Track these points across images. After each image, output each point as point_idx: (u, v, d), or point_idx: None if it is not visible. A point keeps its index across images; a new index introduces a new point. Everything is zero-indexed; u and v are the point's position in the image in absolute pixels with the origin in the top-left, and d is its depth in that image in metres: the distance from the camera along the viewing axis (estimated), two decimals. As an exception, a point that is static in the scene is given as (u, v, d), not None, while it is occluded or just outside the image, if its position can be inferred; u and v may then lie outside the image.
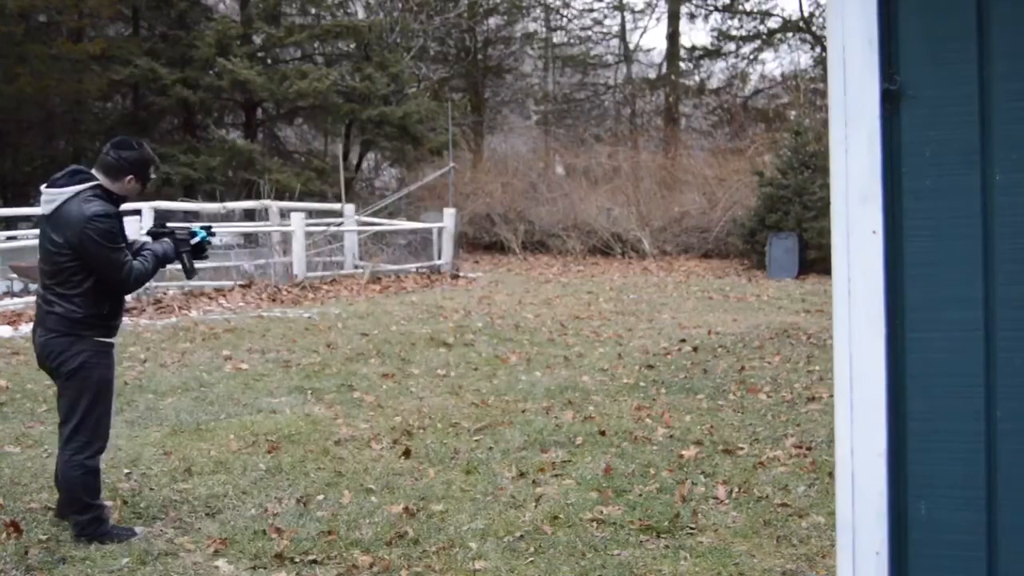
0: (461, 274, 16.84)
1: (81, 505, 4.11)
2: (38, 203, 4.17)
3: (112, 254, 4.04)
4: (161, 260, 4.34)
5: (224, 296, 12.61)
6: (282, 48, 24.79)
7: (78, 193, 4.05)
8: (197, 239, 4.56)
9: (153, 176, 4.39)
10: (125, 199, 4.21)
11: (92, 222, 3.97)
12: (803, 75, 27.34)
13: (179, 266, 4.61)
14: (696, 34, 47.89)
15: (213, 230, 4.76)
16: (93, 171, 4.17)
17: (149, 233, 4.57)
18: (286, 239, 14.44)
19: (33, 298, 11.14)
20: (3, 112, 20.24)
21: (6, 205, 20.31)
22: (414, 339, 9.35)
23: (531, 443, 5.64)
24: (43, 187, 4.13)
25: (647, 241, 20.61)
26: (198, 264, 5.21)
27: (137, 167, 4.18)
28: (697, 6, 30.35)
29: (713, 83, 30.97)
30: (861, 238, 2.06)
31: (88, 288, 4.07)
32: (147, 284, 11.71)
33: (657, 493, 4.71)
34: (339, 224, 16.47)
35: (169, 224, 4.58)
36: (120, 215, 4.15)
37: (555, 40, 32.59)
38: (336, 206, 17.74)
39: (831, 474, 4.85)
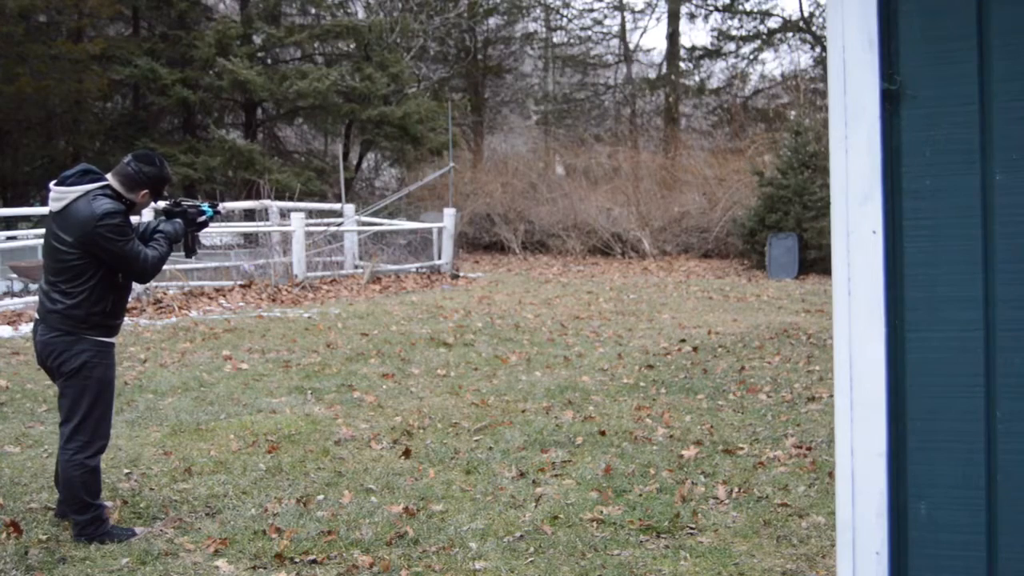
0: (461, 274, 16.85)
1: (81, 505, 4.11)
2: (40, 201, 4.20)
3: (126, 247, 4.09)
4: (173, 240, 4.42)
5: (224, 296, 12.61)
6: (282, 48, 24.80)
7: (87, 192, 4.07)
8: (205, 217, 4.59)
9: (166, 194, 4.45)
10: (134, 205, 4.23)
11: (103, 220, 4.01)
12: (803, 75, 27.35)
13: (182, 245, 4.63)
14: (696, 34, 48.05)
15: (220, 208, 4.78)
16: (108, 175, 4.19)
17: (164, 211, 4.58)
18: (286, 239, 14.44)
19: (33, 298, 11.18)
20: (3, 112, 20.23)
21: (6, 205, 20.30)
22: (414, 339, 9.36)
23: (531, 443, 5.64)
24: (52, 184, 4.16)
25: (647, 241, 20.61)
26: (198, 264, 5.24)
27: (154, 183, 4.26)
28: (697, 6, 30.37)
29: (713, 83, 31.00)
30: (861, 238, 2.06)
31: (92, 286, 4.09)
32: (148, 284, 11.76)
33: (657, 493, 4.72)
34: (339, 224, 16.47)
35: (183, 202, 4.59)
36: (128, 212, 4.18)
37: (555, 40, 32.60)
38: (336, 206, 17.75)
39: (831, 474, 4.85)
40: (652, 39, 56.23)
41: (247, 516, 4.44)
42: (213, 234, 17.66)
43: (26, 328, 9.76)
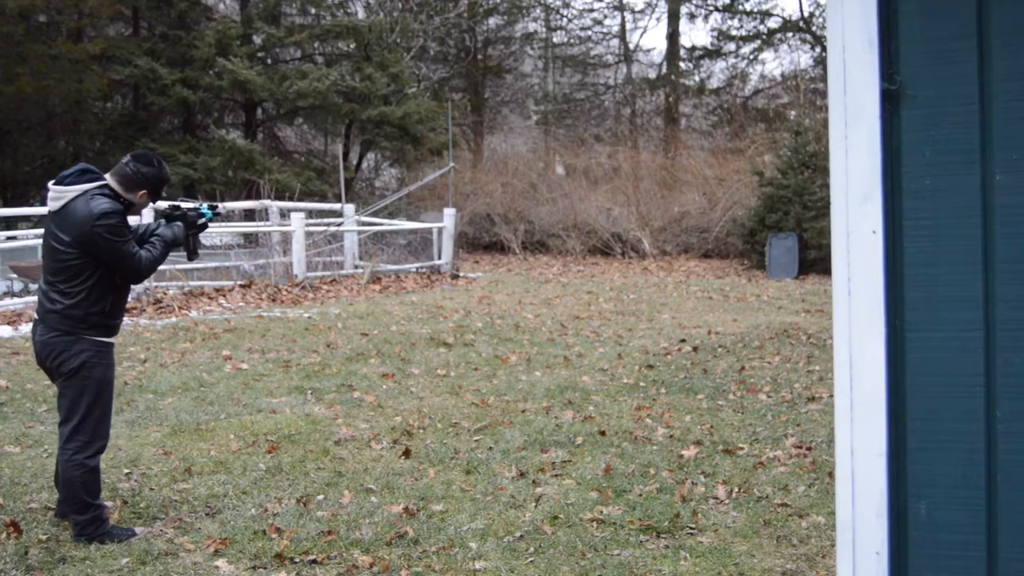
0: (461, 274, 16.85)
1: (81, 505, 4.11)
2: (40, 201, 4.21)
3: (122, 247, 4.10)
4: (170, 244, 4.42)
5: (224, 296, 12.61)
6: (282, 48, 24.79)
7: (85, 192, 4.08)
8: (204, 219, 4.59)
9: (164, 195, 4.45)
10: (132, 205, 4.23)
11: (101, 220, 4.01)
12: (803, 75, 27.36)
13: (183, 248, 4.63)
14: (696, 34, 48.04)
15: (220, 209, 4.77)
16: (107, 175, 4.20)
17: (163, 214, 4.58)
18: (286, 239, 14.44)
19: (33, 298, 11.17)
20: (3, 112, 20.22)
21: (6, 205, 20.30)
22: (414, 339, 9.35)
23: (531, 443, 5.64)
24: (51, 184, 4.16)
25: (647, 241, 20.61)
26: (198, 264, 5.24)
27: (152, 183, 4.26)
28: (697, 6, 30.37)
29: (713, 83, 30.99)
30: (861, 238, 2.06)
31: (91, 286, 4.09)
32: (147, 284, 11.76)
33: (657, 493, 4.72)
34: (339, 224, 16.47)
35: (181, 205, 4.59)
36: (126, 212, 4.18)
37: (555, 40, 32.60)
38: (336, 206, 17.74)
39: (831, 474, 4.85)
40: (652, 39, 56.29)
41: (247, 516, 4.44)
42: (213, 234, 17.66)
43: (26, 328, 9.76)
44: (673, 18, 29.71)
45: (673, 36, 29.79)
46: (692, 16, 30.63)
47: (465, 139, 28.92)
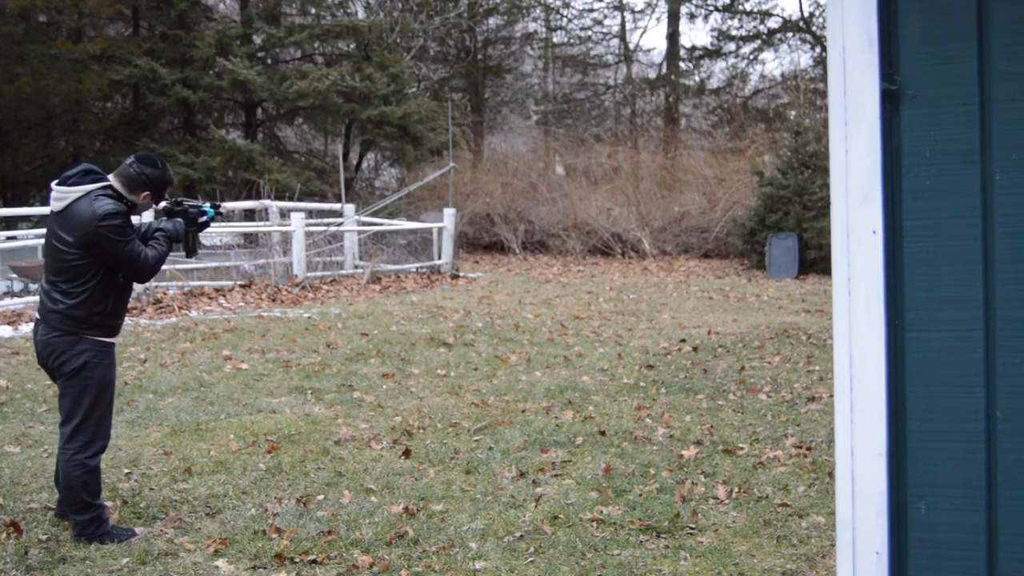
0: (461, 274, 16.85)
1: (81, 505, 4.12)
2: (40, 201, 4.20)
3: (126, 247, 4.11)
4: (173, 239, 4.43)
5: (224, 296, 12.61)
6: (282, 48, 24.78)
7: (89, 192, 4.08)
8: (206, 217, 4.60)
9: (167, 196, 4.46)
10: (135, 206, 4.24)
11: (105, 221, 4.02)
12: (803, 75, 27.36)
13: (182, 245, 4.63)
14: (696, 34, 48.05)
15: (221, 209, 4.78)
16: (110, 176, 4.20)
17: (165, 211, 4.58)
18: (286, 239, 14.44)
19: (34, 298, 11.17)
20: (3, 112, 20.21)
21: (6, 205, 20.30)
22: (414, 339, 9.35)
23: (531, 443, 5.64)
24: (54, 184, 4.16)
25: (647, 241, 20.61)
26: (198, 264, 5.23)
27: (156, 185, 4.26)
28: (697, 6, 30.37)
29: (713, 83, 30.99)
30: (861, 238, 2.06)
31: (93, 286, 4.10)
32: (147, 283, 11.76)
33: (657, 493, 4.72)
34: (339, 224, 16.48)
35: (184, 202, 4.59)
36: (129, 213, 4.19)
37: (555, 40, 32.61)
38: (336, 206, 17.74)
39: (831, 474, 4.85)
40: (652, 39, 56.23)
41: (247, 516, 4.44)
42: (213, 234, 17.66)
43: (26, 328, 9.76)
44: (673, 18, 29.72)
45: (673, 36, 29.80)
46: (692, 16, 30.64)
47: (465, 139, 28.91)
